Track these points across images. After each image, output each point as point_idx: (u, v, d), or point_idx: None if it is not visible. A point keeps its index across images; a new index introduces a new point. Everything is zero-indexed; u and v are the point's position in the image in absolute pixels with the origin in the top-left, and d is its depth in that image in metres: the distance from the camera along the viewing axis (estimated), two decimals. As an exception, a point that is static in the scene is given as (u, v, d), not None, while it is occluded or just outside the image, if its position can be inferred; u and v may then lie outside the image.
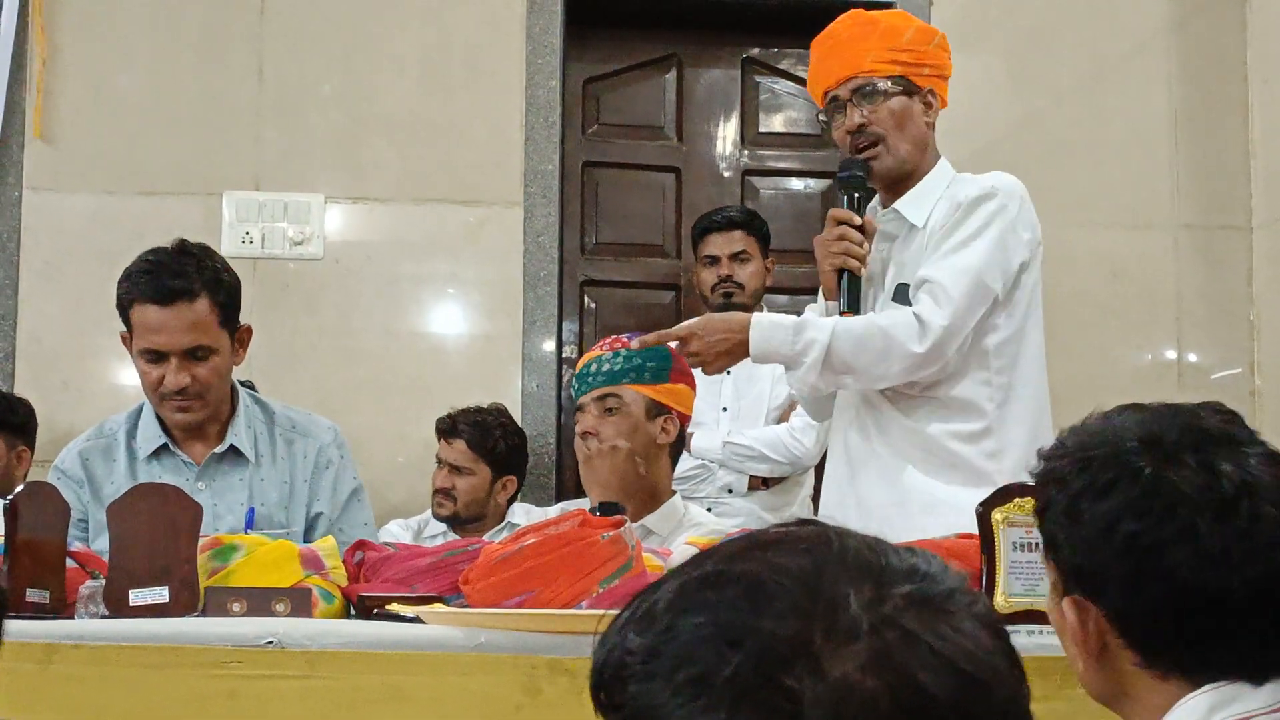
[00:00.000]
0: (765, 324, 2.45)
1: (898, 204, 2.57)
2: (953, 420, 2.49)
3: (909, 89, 2.55)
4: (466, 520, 3.83)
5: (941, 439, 2.49)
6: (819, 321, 2.45)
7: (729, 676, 0.75)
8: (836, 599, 0.77)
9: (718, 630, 0.76)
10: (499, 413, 3.93)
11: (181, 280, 2.40)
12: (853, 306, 2.47)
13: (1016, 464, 2.50)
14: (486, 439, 3.85)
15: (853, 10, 2.67)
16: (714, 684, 0.75)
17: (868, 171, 2.54)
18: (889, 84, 2.53)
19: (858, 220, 2.50)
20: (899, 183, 2.57)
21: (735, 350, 2.44)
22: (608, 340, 2.76)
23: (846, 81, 2.54)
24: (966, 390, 2.50)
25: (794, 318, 2.47)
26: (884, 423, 2.53)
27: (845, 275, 2.48)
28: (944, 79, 2.62)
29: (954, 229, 2.48)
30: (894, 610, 0.77)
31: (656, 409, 2.70)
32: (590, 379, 2.71)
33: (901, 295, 2.50)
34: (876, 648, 0.75)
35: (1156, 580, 1.24)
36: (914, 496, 2.45)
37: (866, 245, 2.51)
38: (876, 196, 2.61)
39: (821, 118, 2.61)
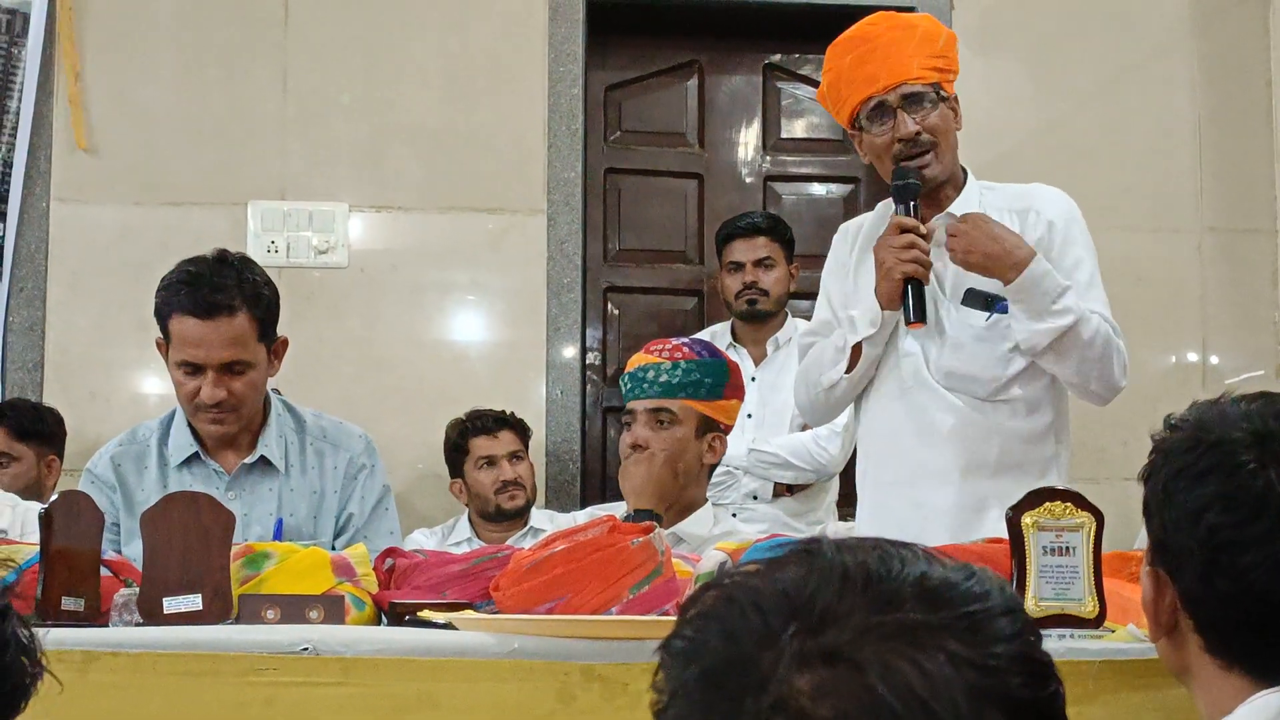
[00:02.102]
0: (1045, 265, 2.43)
1: (951, 210, 2.56)
2: (1030, 417, 2.53)
3: (943, 96, 2.55)
4: (529, 506, 3.93)
5: (1015, 441, 2.51)
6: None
7: (683, 691, 0.83)
8: (802, 624, 0.80)
9: (688, 645, 0.84)
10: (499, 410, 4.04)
11: (222, 295, 2.40)
12: (920, 315, 2.46)
13: (1063, 468, 2.52)
14: (523, 423, 3.99)
15: (882, 13, 2.64)
16: (679, 695, 0.83)
17: (921, 179, 2.53)
18: (933, 91, 2.53)
19: (923, 229, 2.49)
20: (935, 190, 2.57)
21: (1002, 258, 2.41)
22: (665, 346, 2.67)
23: (896, 88, 2.51)
24: (1037, 393, 2.54)
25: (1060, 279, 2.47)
26: (958, 426, 2.52)
27: (912, 284, 2.46)
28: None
29: (1081, 257, 2.53)
30: (856, 638, 0.79)
31: (707, 426, 2.64)
32: (645, 385, 2.63)
33: (971, 299, 2.49)
34: (824, 677, 0.78)
35: (1229, 577, 1.22)
36: (991, 501, 2.43)
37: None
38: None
39: (863, 120, 2.56)
